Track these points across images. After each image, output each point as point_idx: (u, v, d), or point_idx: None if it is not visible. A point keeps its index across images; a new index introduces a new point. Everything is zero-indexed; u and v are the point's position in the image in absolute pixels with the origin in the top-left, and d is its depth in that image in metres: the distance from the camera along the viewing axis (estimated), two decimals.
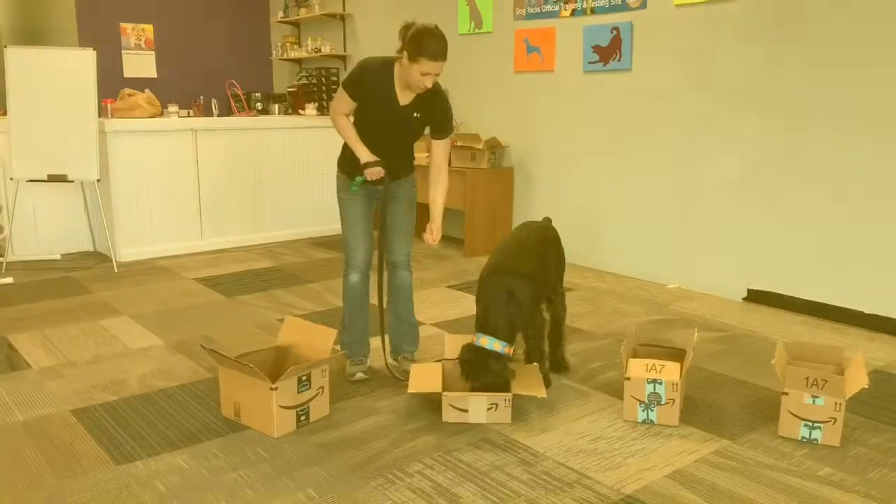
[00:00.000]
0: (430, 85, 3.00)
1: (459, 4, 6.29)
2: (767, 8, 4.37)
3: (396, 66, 3.07)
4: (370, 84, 3.09)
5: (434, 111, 3.17)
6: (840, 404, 2.76)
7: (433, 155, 3.28)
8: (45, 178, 5.35)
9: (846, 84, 4.10)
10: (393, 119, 3.15)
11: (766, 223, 4.55)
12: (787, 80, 4.34)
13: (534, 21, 5.73)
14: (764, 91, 4.45)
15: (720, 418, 3.03)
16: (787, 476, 2.58)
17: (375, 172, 3.15)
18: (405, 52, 2.96)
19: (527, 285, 3.03)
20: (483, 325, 3.00)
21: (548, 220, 3.50)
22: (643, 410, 2.97)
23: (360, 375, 3.40)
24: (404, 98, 3.12)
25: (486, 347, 2.94)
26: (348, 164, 3.28)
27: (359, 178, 3.21)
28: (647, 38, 5.01)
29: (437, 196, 3.27)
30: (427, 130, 3.26)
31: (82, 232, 6.12)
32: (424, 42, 2.90)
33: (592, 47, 5.33)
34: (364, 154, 3.16)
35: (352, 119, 3.23)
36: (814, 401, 2.79)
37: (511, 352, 2.99)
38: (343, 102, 3.17)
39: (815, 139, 4.26)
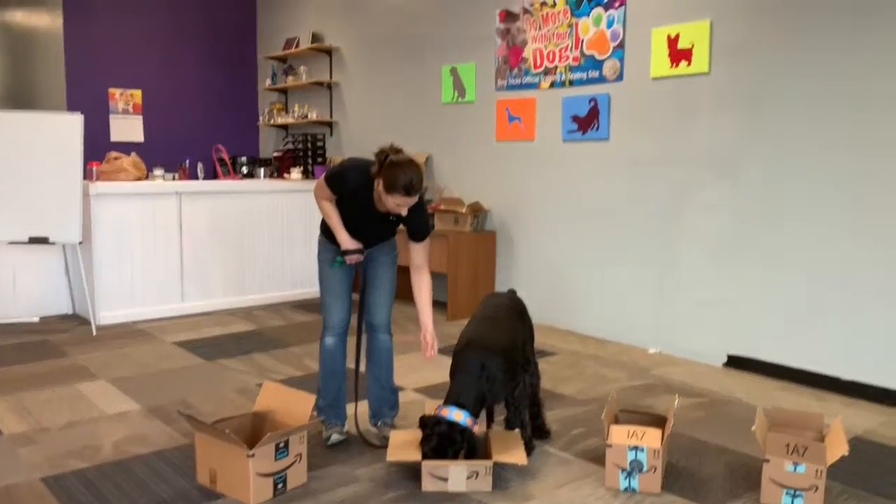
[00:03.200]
0: (404, 213, 3.04)
1: (443, 75, 6.46)
2: (741, 81, 4.53)
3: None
4: (350, 188, 3.15)
5: (411, 219, 3.16)
6: (821, 472, 2.76)
7: (412, 257, 3.26)
8: (26, 241, 5.34)
9: (820, 153, 4.22)
10: (370, 219, 3.22)
11: (744, 289, 4.61)
12: (762, 149, 4.46)
13: (515, 92, 5.88)
14: (740, 160, 4.57)
15: (702, 486, 3.01)
16: None
17: (355, 259, 3.25)
18: (380, 181, 2.98)
19: (499, 358, 3.04)
20: (454, 398, 2.99)
21: (513, 292, 3.54)
22: (625, 478, 2.95)
23: (335, 438, 3.36)
24: (382, 206, 3.13)
25: (459, 423, 2.91)
26: (330, 230, 3.33)
27: (339, 259, 3.28)
28: (624, 108, 5.15)
29: (423, 301, 3.23)
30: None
31: (62, 294, 6.07)
32: (398, 177, 2.91)
33: (571, 117, 5.47)
34: (345, 240, 3.22)
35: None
36: (795, 468, 2.79)
37: (471, 423, 2.95)
38: (324, 191, 3.22)
39: (790, 207, 4.36)
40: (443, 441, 2.89)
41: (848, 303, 4.16)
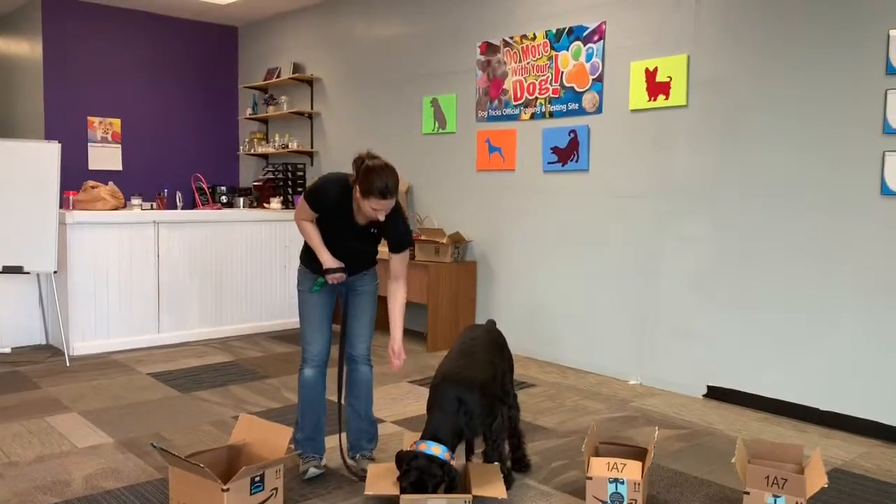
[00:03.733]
0: (381, 218, 3.06)
1: (424, 106, 6.51)
2: (718, 114, 4.60)
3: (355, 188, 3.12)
4: (330, 201, 3.17)
5: (391, 228, 3.21)
6: None
7: (391, 267, 3.29)
8: (0, 270, 5.25)
9: (797, 184, 4.28)
10: (351, 233, 3.23)
11: (723, 320, 4.63)
12: (740, 181, 4.52)
13: (495, 123, 5.93)
14: (717, 192, 4.62)
15: None
16: None
17: (337, 278, 3.23)
18: (357, 187, 3.03)
19: (476, 393, 3.01)
20: (431, 432, 2.96)
21: (492, 323, 3.53)
22: None
23: (312, 472, 3.31)
24: (362, 217, 3.18)
25: (437, 456, 2.88)
26: (310, 259, 3.32)
27: (320, 280, 3.26)
28: (604, 140, 5.21)
29: (396, 312, 3.27)
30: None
31: (35, 324, 5.96)
32: (374, 181, 2.96)
33: (551, 148, 5.51)
34: (327, 259, 3.22)
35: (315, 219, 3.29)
36: (775, 500, 2.78)
37: (448, 457, 2.93)
38: (305, 211, 3.24)
39: (768, 238, 4.41)
40: (422, 475, 2.85)
41: (826, 333, 4.19)
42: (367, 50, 7.08)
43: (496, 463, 3.16)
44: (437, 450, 2.87)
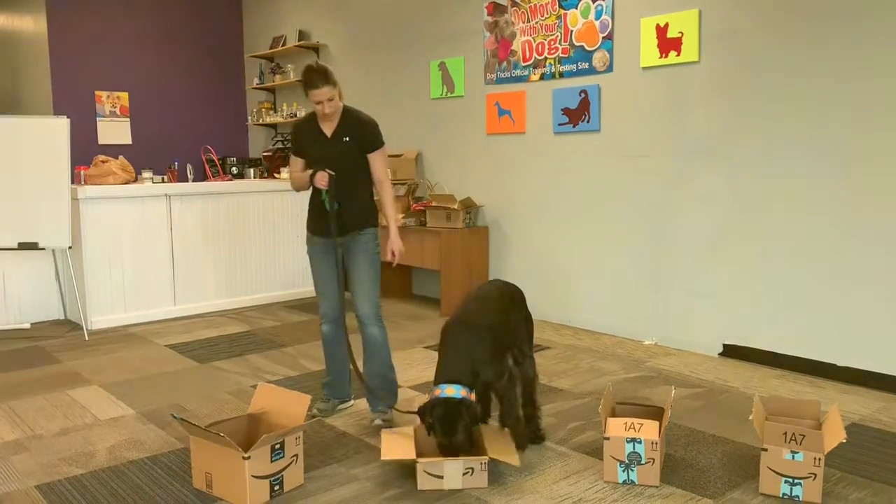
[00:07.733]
0: (327, 111, 3.40)
1: (432, 70, 6.43)
2: (731, 69, 4.52)
3: None
4: (301, 132, 3.58)
5: (358, 131, 3.50)
6: (819, 459, 2.75)
7: (372, 171, 3.56)
8: (16, 247, 5.29)
9: (812, 140, 4.22)
10: (328, 149, 3.50)
11: (738, 278, 4.60)
12: (754, 137, 4.45)
13: (504, 85, 5.86)
14: (732, 148, 4.56)
15: (701, 477, 3.00)
16: None
17: (321, 177, 3.45)
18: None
19: (486, 333, 3.04)
20: (443, 374, 2.97)
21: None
22: (623, 471, 2.94)
23: (314, 411, 3.60)
24: (329, 128, 3.51)
25: (453, 397, 2.90)
26: (311, 220, 3.62)
27: (323, 194, 3.48)
28: (615, 100, 5.14)
29: (387, 208, 3.57)
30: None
31: (53, 300, 6.02)
32: (304, 78, 3.40)
33: (562, 109, 5.45)
34: (309, 170, 3.53)
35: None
36: (793, 456, 2.78)
37: (473, 397, 2.95)
38: (294, 164, 3.63)
39: (783, 195, 4.36)
40: (446, 420, 2.87)
41: (842, 289, 4.16)
42: (373, 14, 6.99)
43: (506, 429, 3.16)
44: (450, 391, 2.90)
